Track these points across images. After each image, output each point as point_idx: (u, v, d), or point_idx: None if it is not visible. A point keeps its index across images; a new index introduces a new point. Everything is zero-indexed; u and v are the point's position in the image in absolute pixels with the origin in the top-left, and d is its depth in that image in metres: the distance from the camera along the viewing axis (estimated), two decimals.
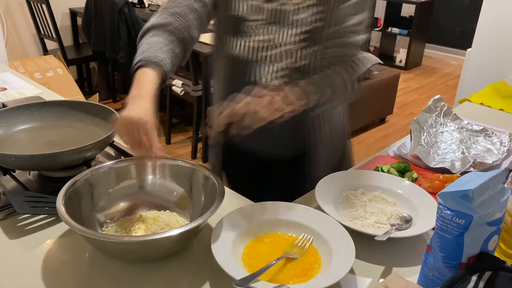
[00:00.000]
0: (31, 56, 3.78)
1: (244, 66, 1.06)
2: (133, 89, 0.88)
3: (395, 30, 5.41)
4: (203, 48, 2.74)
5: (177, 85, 3.03)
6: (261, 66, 1.05)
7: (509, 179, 0.92)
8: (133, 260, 0.80)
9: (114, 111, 1.11)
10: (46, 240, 0.84)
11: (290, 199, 0.97)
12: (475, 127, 1.37)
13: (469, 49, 2.69)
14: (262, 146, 1.15)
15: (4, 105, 1.31)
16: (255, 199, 0.98)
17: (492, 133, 1.34)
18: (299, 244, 0.83)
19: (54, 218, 0.90)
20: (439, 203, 0.67)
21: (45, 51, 3.67)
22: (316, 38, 1.03)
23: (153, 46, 0.95)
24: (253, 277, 0.70)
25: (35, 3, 3.43)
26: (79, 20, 3.90)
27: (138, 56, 0.94)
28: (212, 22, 1.12)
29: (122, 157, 1.11)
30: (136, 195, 0.92)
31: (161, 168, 0.94)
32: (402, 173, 1.13)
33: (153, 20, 1.01)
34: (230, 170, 1.27)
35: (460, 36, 5.76)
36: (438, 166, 1.17)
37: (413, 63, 5.52)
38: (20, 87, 1.61)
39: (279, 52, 1.04)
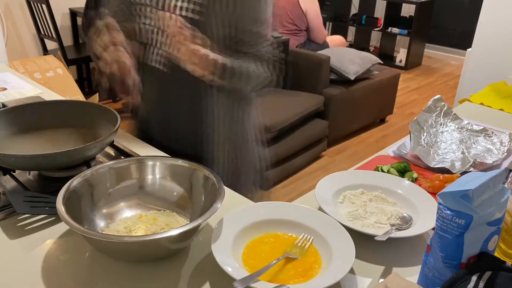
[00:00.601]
0: (31, 56, 3.79)
1: (138, 48, 1.11)
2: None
3: (395, 30, 5.41)
4: None
5: None
6: (150, 49, 1.11)
7: (509, 179, 0.92)
8: (133, 260, 0.80)
9: (114, 111, 1.11)
10: (46, 240, 0.84)
11: None
12: (475, 127, 1.37)
13: (469, 49, 2.69)
14: (164, 137, 1.21)
15: (4, 105, 1.31)
16: None
17: (492, 133, 1.35)
18: (299, 244, 0.83)
19: (54, 218, 0.90)
20: (439, 203, 0.67)
21: (45, 51, 3.67)
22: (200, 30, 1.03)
23: None
24: (253, 277, 0.70)
25: (35, 3, 3.43)
26: (79, 20, 3.90)
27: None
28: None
29: (122, 157, 1.11)
30: (136, 195, 0.92)
31: (161, 168, 0.94)
32: (402, 173, 1.13)
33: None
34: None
35: (460, 36, 5.76)
36: (438, 166, 1.17)
37: (413, 63, 5.52)
38: (20, 87, 1.61)
39: (165, 38, 1.07)
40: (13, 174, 0.99)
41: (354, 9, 6.07)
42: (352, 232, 0.83)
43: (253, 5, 1.06)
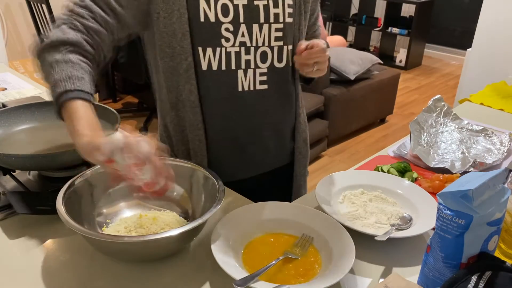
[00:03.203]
0: (31, 56, 3.79)
1: (221, 76, 1.00)
2: (81, 124, 0.77)
3: (395, 30, 5.41)
4: None
5: None
6: (242, 73, 1.01)
7: (509, 179, 0.93)
8: (133, 260, 0.80)
9: (114, 111, 1.11)
10: (46, 240, 0.84)
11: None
12: (475, 127, 1.37)
13: (469, 49, 2.70)
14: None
15: (4, 105, 1.31)
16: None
17: (492, 133, 1.35)
18: (299, 244, 0.83)
19: (54, 218, 0.90)
20: (439, 203, 0.67)
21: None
22: (289, 35, 1.03)
23: (77, 73, 0.84)
24: (253, 277, 0.70)
25: (35, 3, 3.44)
26: None
27: (68, 84, 0.81)
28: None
29: None
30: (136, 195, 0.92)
31: None
32: (402, 173, 1.13)
33: (66, 33, 0.88)
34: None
35: (460, 36, 5.76)
36: (438, 166, 1.17)
37: (413, 63, 5.52)
38: (20, 87, 1.61)
39: (257, 55, 1.01)
40: (13, 174, 0.99)
41: (354, 9, 6.07)
42: (352, 232, 0.83)
43: None
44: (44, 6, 3.32)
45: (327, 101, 3.23)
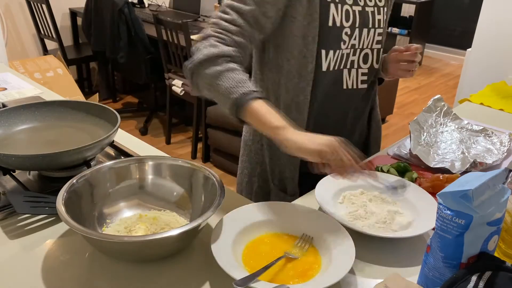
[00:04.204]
0: (31, 56, 3.78)
1: (332, 76, 1.08)
2: (274, 119, 0.85)
3: (395, 30, 5.41)
4: None
5: (177, 85, 3.04)
6: (347, 73, 1.10)
7: (509, 179, 0.93)
8: (133, 260, 0.80)
9: (114, 111, 1.11)
10: (46, 240, 0.84)
11: None
12: (475, 127, 1.37)
13: (469, 49, 2.69)
14: None
15: (4, 105, 1.31)
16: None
17: (492, 133, 1.34)
18: (299, 244, 0.83)
19: (54, 218, 0.90)
20: (439, 203, 0.67)
21: (45, 51, 3.67)
22: (383, 40, 1.13)
23: (243, 77, 0.91)
24: (253, 277, 0.70)
25: (35, 3, 3.43)
26: (79, 20, 3.90)
27: (241, 88, 0.87)
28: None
29: (122, 157, 1.11)
30: (136, 195, 0.92)
31: (161, 168, 0.94)
32: (402, 173, 1.13)
33: (218, 47, 0.92)
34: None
35: (460, 36, 5.76)
36: (438, 166, 1.17)
37: None
38: (20, 87, 1.61)
39: (361, 56, 1.10)
40: (13, 174, 0.99)
41: None
42: (352, 232, 0.83)
43: None
44: (44, 6, 3.32)
45: None
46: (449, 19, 5.82)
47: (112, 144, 1.14)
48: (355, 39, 1.07)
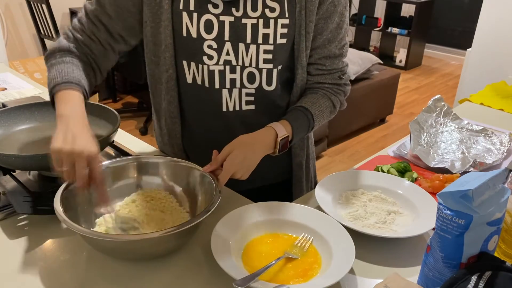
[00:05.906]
0: (31, 56, 3.79)
1: (202, 91, 0.98)
2: (62, 107, 0.85)
3: (395, 30, 5.41)
4: None
5: None
6: (227, 93, 0.98)
7: (509, 179, 0.92)
8: (131, 258, 0.80)
9: (114, 111, 1.11)
10: (46, 240, 0.84)
11: None
12: (475, 127, 1.37)
13: (469, 49, 2.69)
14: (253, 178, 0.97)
15: (4, 105, 1.31)
16: None
17: (492, 133, 1.35)
18: (299, 244, 0.83)
19: (54, 218, 0.90)
20: (439, 203, 0.67)
21: (45, 51, 3.66)
22: (281, 58, 0.97)
23: (67, 68, 0.93)
24: (253, 277, 0.70)
25: (35, 3, 3.43)
26: None
27: (56, 79, 0.90)
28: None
29: (121, 157, 1.11)
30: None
31: (159, 167, 0.94)
32: (402, 173, 1.13)
33: (59, 41, 1.00)
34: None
35: (460, 36, 5.76)
36: (438, 166, 1.17)
37: (413, 63, 5.52)
38: (20, 87, 1.61)
39: (244, 75, 0.96)
40: (13, 174, 0.99)
41: (354, 9, 6.07)
42: (352, 232, 0.83)
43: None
44: (44, 6, 3.32)
45: None
46: (449, 19, 5.82)
47: (112, 144, 1.13)
48: (227, 54, 0.94)
